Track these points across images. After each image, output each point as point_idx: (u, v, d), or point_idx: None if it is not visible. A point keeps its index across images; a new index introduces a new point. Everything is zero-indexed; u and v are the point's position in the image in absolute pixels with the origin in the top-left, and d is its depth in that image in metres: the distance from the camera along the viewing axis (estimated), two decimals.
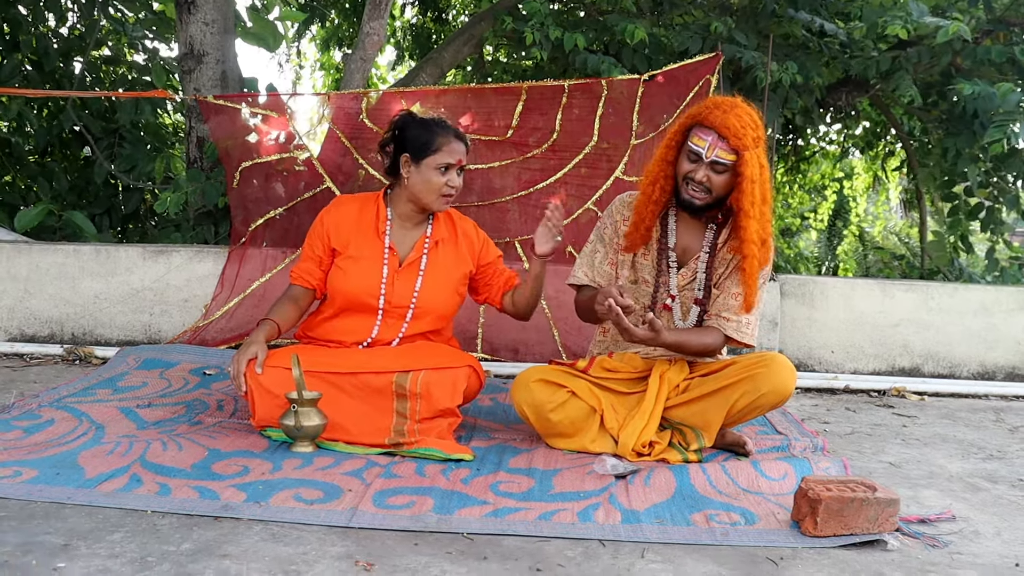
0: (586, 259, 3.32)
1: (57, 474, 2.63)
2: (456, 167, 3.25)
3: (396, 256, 3.33)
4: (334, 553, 2.17)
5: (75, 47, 7.16)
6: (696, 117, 2.97)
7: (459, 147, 3.26)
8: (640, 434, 3.06)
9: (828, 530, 2.37)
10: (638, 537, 2.36)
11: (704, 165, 2.94)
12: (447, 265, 3.36)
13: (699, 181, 2.96)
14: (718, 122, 2.90)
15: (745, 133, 2.89)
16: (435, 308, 3.33)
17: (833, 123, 8.71)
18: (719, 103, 2.95)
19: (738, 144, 2.88)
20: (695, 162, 2.96)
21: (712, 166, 2.94)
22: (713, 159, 2.92)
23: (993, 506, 2.79)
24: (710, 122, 2.91)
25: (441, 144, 3.22)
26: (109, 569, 2.02)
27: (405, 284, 3.30)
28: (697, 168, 2.96)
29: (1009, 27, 5.81)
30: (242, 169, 4.85)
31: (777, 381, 2.97)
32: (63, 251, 4.81)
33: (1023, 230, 11.72)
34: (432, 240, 3.36)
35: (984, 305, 4.90)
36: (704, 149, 2.92)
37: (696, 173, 2.96)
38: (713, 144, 2.91)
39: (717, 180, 2.96)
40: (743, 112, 2.93)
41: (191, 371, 4.04)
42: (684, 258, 3.19)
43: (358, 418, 3.08)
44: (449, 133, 3.25)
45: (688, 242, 3.18)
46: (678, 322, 3.19)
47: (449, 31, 8.97)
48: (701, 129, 2.94)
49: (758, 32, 5.85)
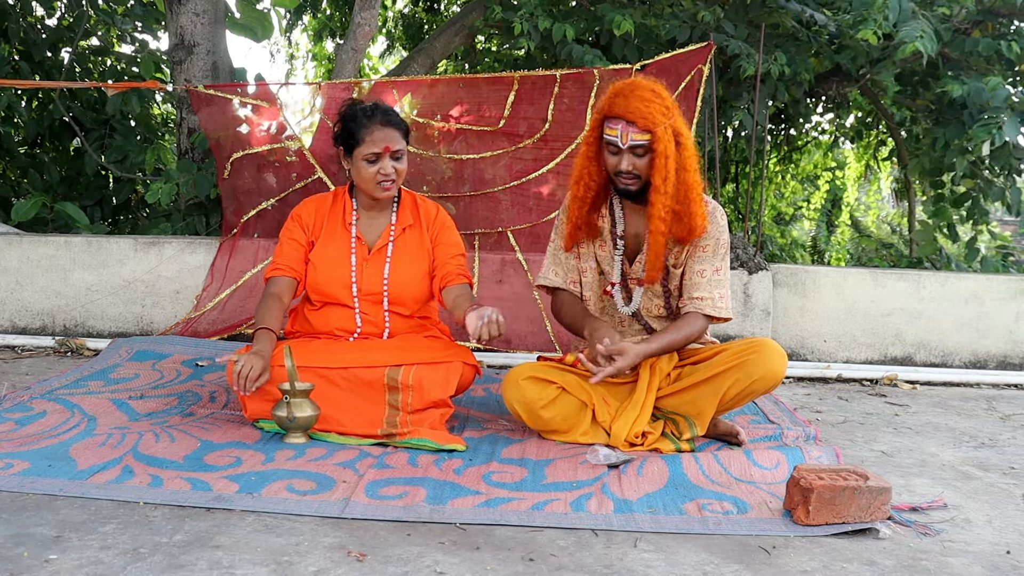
0: (551, 258, 3.32)
1: (49, 466, 2.62)
2: (387, 154, 3.19)
3: (364, 245, 3.34)
4: (327, 544, 2.17)
5: (63, 37, 7.13)
6: (603, 110, 3.00)
7: (385, 134, 3.19)
8: (633, 425, 3.06)
9: (820, 519, 2.37)
10: (631, 526, 2.37)
11: (624, 153, 2.97)
12: (414, 250, 3.36)
13: (627, 170, 2.98)
14: (622, 109, 2.92)
15: (651, 111, 2.91)
16: (407, 292, 3.33)
17: (825, 113, 8.71)
18: (619, 90, 2.97)
19: (647, 124, 2.91)
20: (616, 153, 2.99)
21: (632, 151, 2.96)
22: (630, 144, 2.94)
23: (984, 494, 2.80)
24: (616, 111, 2.94)
25: (364, 135, 3.18)
26: (101, 561, 2.02)
27: (374, 271, 3.31)
28: (620, 158, 2.98)
29: (998, 17, 5.81)
30: (233, 160, 4.84)
31: (768, 367, 2.98)
32: (54, 243, 4.79)
33: (1010, 219, 11.73)
34: (399, 227, 3.36)
35: (976, 294, 4.91)
36: (618, 138, 2.95)
37: (621, 163, 2.98)
38: (624, 131, 2.93)
39: (641, 163, 2.98)
40: (645, 91, 2.95)
41: (183, 362, 4.04)
42: (638, 243, 3.19)
43: (351, 410, 3.08)
44: (375, 121, 3.19)
45: (636, 228, 3.18)
46: (621, 307, 3.20)
47: (441, 21, 8.95)
48: (610, 120, 2.97)
49: (748, 22, 5.84)
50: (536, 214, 4.85)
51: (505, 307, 4.72)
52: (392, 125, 3.22)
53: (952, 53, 5.83)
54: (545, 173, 4.84)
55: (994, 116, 5.20)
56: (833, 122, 9.19)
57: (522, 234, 4.86)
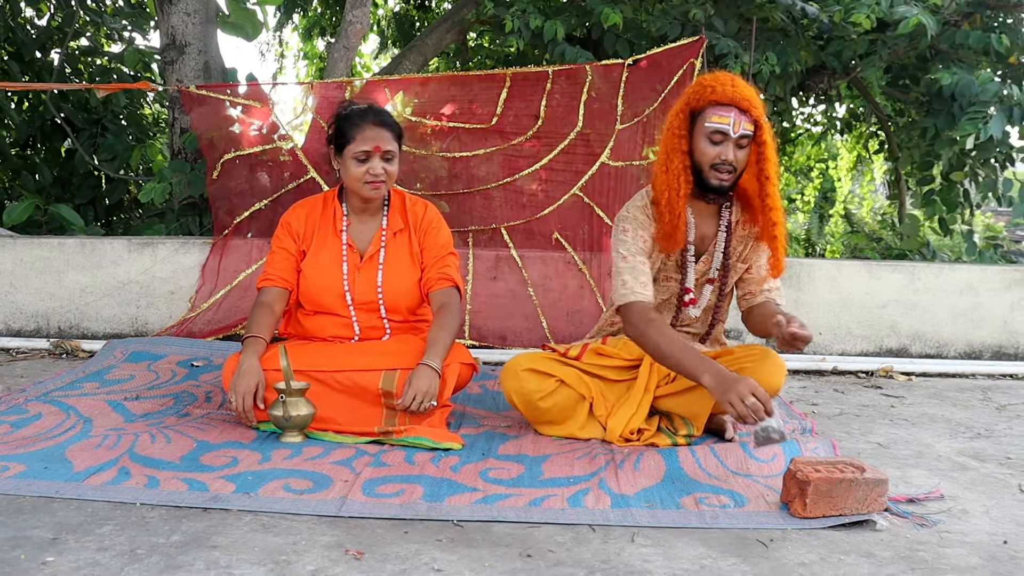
0: (627, 273, 3.02)
1: (45, 468, 2.62)
2: (377, 154, 3.16)
3: (356, 252, 3.31)
4: (324, 542, 2.17)
5: (53, 38, 7.11)
6: (705, 97, 2.90)
7: (375, 133, 3.16)
8: (628, 421, 3.06)
9: (817, 511, 2.38)
10: (628, 521, 2.37)
11: (731, 142, 2.88)
12: (406, 255, 3.33)
13: (730, 161, 2.89)
14: (732, 96, 2.85)
15: (758, 101, 2.88)
16: (402, 301, 3.30)
17: (816, 105, 8.71)
18: (719, 79, 2.89)
19: (757, 114, 2.87)
20: (720, 143, 2.89)
21: (739, 141, 2.89)
22: (741, 132, 2.86)
23: (981, 484, 2.80)
24: (727, 98, 2.85)
25: (355, 133, 3.16)
26: (98, 562, 2.02)
27: (367, 279, 3.28)
28: (725, 148, 2.88)
29: (987, 9, 5.82)
30: (224, 160, 4.82)
31: (766, 377, 2.88)
32: (48, 244, 4.78)
33: (1004, 211, 11.74)
34: (390, 231, 3.33)
35: (970, 284, 4.91)
36: (729, 126, 2.85)
37: (726, 153, 2.88)
38: (737, 119, 2.85)
39: (741, 155, 2.92)
40: (743, 82, 2.91)
41: (179, 363, 4.03)
42: (702, 247, 3.14)
43: (347, 410, 3.07)
44: (366, 121, 3.17)
45: (704, 230, 3.12)
46: (691, 310, 3.17)
47: (432, 18, 8.93)
48: (718, 107, 2.87)
49: (739, 16, 5.84)
50: (529, 210, 4.85)
51: (500, 304, 4.75)
52: (384, 126, 3.20)
53: (942, 45, 5.84)
54: (538, 170, 4.84)
55: (981, 110, 5.22)
56: (825, 113, 9.20)
57: (516, 231, 4.85)
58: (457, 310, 3.24)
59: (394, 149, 3.21)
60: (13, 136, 6.93)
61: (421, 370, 3.01)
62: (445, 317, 3.18)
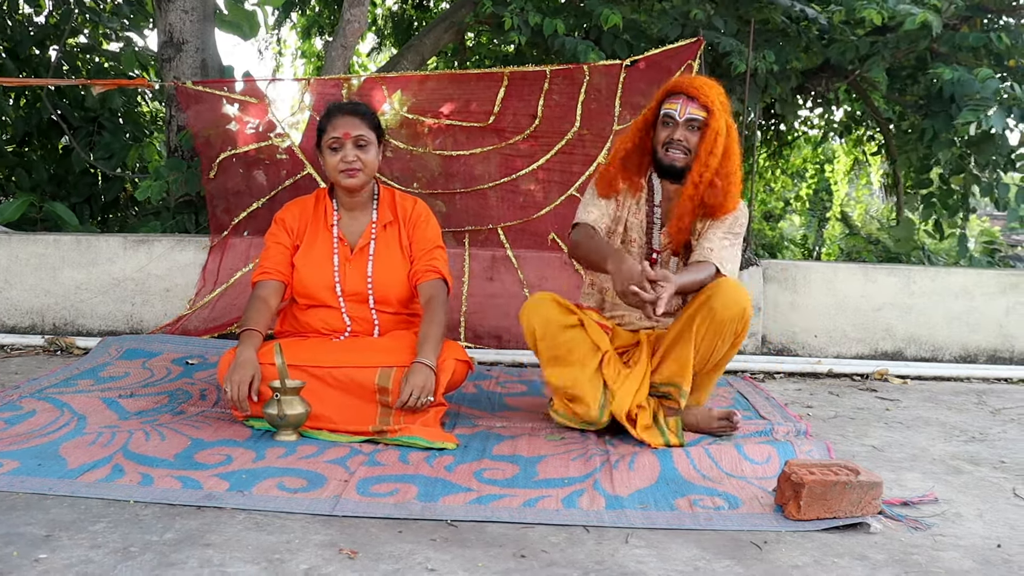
0: (587, 202, 3.32)
1: (39, 465, 2.61)
2: (348, 141, 3.21)
3: (346, 245, 3.35)
4: (318, 541, 2.17)
5: (50, 35, 7.10)
6: (665, 90, 3.21)
7: (346, 121, 3.23)
8: (635, 396, 3.09)
9: (811, 513, 2.38)
10: (622, 523, 2.37)
11: (680, 125, 3.14)
12: (396, 247, 3.36)
13: (677, 139, 3.13)
14: (686, 85, 3.14)
15: (711, 92, 3.11)
16: (391, 292, 3.33)
17: (814, 108, 8.71)
18: (683, 76, 3.23)
19: (707, 101, 3.10)
20: (671, 125, 3.16)
21: (687, 124, 3.13)
22: (687, 116, 3.12)
23: (975, 488, 2.81)
24: (680, 88, 3.15)
25: (327, 124, 3.25)
26: (91, 560, 2.01)
27: (357, 271, 3.31)
28: (674, 129, 3.14)
29: (986, 13, 5.83)
30: (221, 159, 4.82)
31: (729, 296, 3.00)
32: (43, 241, 4.77)
33: (999, 215, 11.75)
34: (379, 225, 3.36)
35: (966, 288, 4.92)
36: (676, 111, 3.13)
37: (675, 133, 3.14)
38: (684, 105, 3.12)
39: (693, 138, 3.14)
40: (708, 79, 3.20)
41: (173, 361, 4.02)
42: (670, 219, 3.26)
43: (342, 408, 3.07)
44: (341, 111, 3.27)
45: (672, 206, 3.25)
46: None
47: (430, 18, 8.93)
48: (672, 96, 3.17)
49: (738, 17, 5.84)
50: (526, 211, 4.85)
51: (496, 304, 4.74)
52: (356, 114, 3.26)
53: (941, 48, 5.85)
54: (535, 169, 4.84)
55: (984, 103, 5.22)
56: (823, 116, 9.21)
57: (512, 231, 4.85)
58: (444, 303, 3.28)
59: (367, 136, 3.25)
60: (9, 133, 6.92)
61: (416, 367, 3.03)
62: (434, 312, 3.22)
